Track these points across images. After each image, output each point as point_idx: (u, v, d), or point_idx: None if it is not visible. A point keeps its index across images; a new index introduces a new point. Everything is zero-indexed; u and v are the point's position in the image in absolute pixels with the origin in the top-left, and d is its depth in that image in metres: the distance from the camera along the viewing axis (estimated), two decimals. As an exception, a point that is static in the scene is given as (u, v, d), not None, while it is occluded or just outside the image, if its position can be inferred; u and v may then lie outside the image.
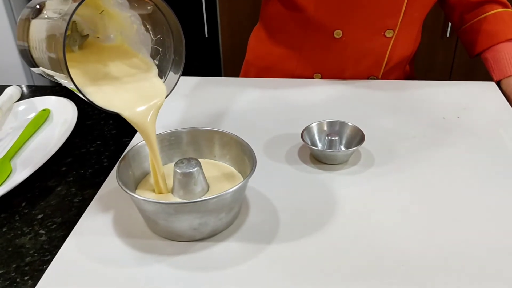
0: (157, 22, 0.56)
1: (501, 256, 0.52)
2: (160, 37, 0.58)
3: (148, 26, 0.57)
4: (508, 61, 0.90)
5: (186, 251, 0.53)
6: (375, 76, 0.96)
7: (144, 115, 0.54)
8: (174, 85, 0.57)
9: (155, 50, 0.59)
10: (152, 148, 0.55)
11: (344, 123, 0.71)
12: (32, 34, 0.55)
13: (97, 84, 0.54)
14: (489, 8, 0.92)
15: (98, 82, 0.54)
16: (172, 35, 0.56)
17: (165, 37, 0.57)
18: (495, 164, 0.68)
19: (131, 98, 0.55)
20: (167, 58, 0.58)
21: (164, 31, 0.57)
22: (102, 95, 0.53)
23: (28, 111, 0.83)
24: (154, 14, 0.55)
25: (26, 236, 0.57)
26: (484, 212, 0.59)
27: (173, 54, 0.57)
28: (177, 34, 0.56)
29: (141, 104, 0.55)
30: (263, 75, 1.01)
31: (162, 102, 0.56)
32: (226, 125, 0.79)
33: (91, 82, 0.53)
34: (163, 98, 0.56)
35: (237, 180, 0.59)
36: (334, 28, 0.89)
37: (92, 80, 0.54)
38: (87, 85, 0.53)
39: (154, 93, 0.56)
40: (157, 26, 0.57)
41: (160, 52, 0.58)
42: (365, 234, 0.55)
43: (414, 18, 0.91)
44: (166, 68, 0.58)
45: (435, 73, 2.12)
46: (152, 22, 0.57)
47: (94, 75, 0.55)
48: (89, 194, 0.64)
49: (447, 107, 0.83)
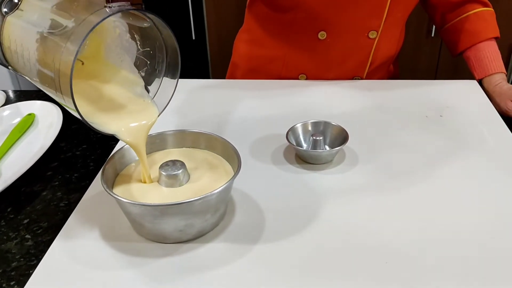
0: (149, 36, 0.56)
1: (485, 252, 0.53)
2: (150, 50, 0.57)
3: (136, 36, 0.57)
4: (489, 59, 0.91)
5: (172, 253, 0.54)
6: (360, 77, 0.97)
7: (138, 136, 0.56)
8: (166, 105, 0.57)
9: (142, 60, 0.58)
10: (142, 159, 0.57)
11: (328, 123, 0.72)
12: (8, 34, 0.53)
13: (92, 106, 0.55)
14: (470, 8, 0.94)
15: (94, 105, 0.55)
16: (166, 53, 0.56)
17: (156, 52, 0.57)
18: (477, 161, 0.69)
19: (125, 122, 0.56)
20: (155, 73, 0.58)
21: (157, 46, 0.56)
22: (99, 119, 0.54)
23: (13, 116, 0.83)
24: (147, 28, 0.55)
25: (12, 241, 0.57)
26: (466, 208, 0.60)
27: (165, 72, 0.57)
28: (173, 55, 0.55)
29: (134, 125, 0.56)
30: (249, 77, 1.01)
31: (154, 122, 0.57)
32: (212, 126, 0.79)
33: (87, 104, 0.54)
34: (154, 119, 0.57)
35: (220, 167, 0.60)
36: (318, 29, 0.90)
37: (89, 102, 0.55)
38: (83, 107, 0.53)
39: (146, 116, 0.57)
40: (148, 40, 0.56)
41: (148, 65, 0.58)
42: (350, 232, 0.56)
43: (397, 18, 0.92)
44: (153, 81, 0.58)
45: (421, 72, 2.14)
46: (142, 34, 0.56)
47: (88, 96, 0.55)
48: (75, 198, 0.64)
49: (430, 106, 0.85)
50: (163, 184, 0.56)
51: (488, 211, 0.59)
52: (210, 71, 2.31)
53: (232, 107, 0.86)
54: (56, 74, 0.48)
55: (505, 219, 0.58)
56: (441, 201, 0.61)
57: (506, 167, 0.67)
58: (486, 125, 0.79)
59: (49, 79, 0.50)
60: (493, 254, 0.53)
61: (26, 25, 0.53)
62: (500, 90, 0.87)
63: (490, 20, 0.94)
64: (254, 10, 0.98)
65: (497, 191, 0.63)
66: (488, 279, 0.49)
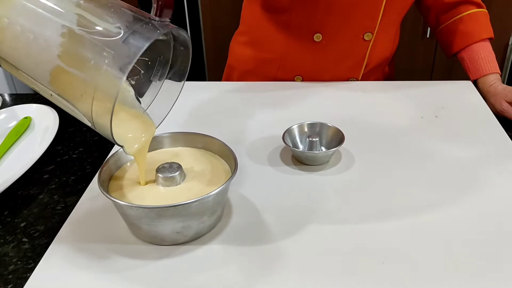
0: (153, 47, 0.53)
1: (482, 251, 0.53)
2: (148, 61, 0.56)
3: None
4: (483, 60, 0.92)
5: (169, 254, 0.54)
6: (355, 78, 0.98)
7: (140, 149, 0.56)
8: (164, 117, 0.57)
9: (134, 69, 0.55)
10: (141, 167, 0.57)
11: (324, 124, 0.72)
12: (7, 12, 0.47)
13: None
14: (464, 9, 0.94)
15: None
16: (169, 66, 0.55)
17: (156, 64, 0.55)
18: (472, 160, 0.69)
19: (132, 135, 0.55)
20: (148, 84, 0.57)
21: (160, 59, 0.55)
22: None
23: (9, 120, 0.83)
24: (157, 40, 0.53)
25: (9, 245, 0.57)
26: (462, 207, 0.60)
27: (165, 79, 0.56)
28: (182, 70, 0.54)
29: (137, 140, 0.56)
30: (245, 79, 1.02)
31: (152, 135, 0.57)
32: (208, 128, 0.79)
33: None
34: (153, 133, 0.57)
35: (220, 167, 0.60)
36: (314, 31, 0.90)
37: None
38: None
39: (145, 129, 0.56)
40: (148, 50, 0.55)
41: (141, 75, 0.56)
42: (346, 233, 0.56)
43: (392, 20, 0.93)
44: (144, 92, 0.57)
45: (416, 73, 2.15)
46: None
47: None
48: (72, 201, 0.64)
49: (425, 107, 0.85)
50: (160, 186, 0.56)
51: (483, 210, 0.60)
52: (207, 73, 2.31)
53: (228, 109, 0.86)
54: (91, 86, 0.45)
55: (500, 218, 0.58)
56: (436, 200, 0.61)
57: (500, 167, 0.68)
58: (481, 125, 0.79)
59: (75, 80, 0.47)
60: (489, 253, 0.53)
61: (42, 11, 0.48)
62: (495, 90, 0.88)
63: (484, 21, 0.94)
64: (249, 12, 0.98)
65: (492, 191, 0.63)
66: (486, 278, 0.50)
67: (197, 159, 0.61)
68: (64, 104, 0.50)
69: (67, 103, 0.49)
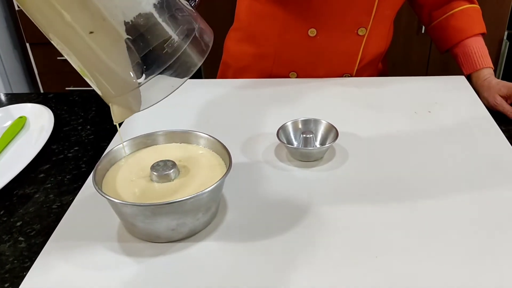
0: None
1: (476, 246, 0.54)
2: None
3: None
4: (476, 55, 0.92)
5: (165, 252, 0.54)
6: (349, 74, 0.98)
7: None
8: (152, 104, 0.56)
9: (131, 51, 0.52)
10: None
11: (318, 120, 0.72)
12: None
13: None
14: (456, 5, 0.95)
15: None
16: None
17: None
18: (465, 155, 0.70)
19: None
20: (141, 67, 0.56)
21: None
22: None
23: (4, 119, 0.83)
24: None
25: (5, 244, 0.57)
26: (455, 202, 0.61)
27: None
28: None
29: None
30: (240, 75, 1.02)
31: None
32: (203, 125, 0.80)
33: None
34: None
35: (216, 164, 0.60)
36: (308, 26, 0.91)
37: None
38: None
39: None
40: None
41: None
42: (340, 228, 0.57)
43: (385, 15, 0.93)
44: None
45: (412, 69, 2.15)
46: None
47: None
48: (68, 200, 0.64)
49: (419, 102, 0.86)
50: (155, 184, 0.57)
51: (476, 205, 0.60)
52: (202, 70, 2.31)
53: (223, 106, 0.87)
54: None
55: (493, 214, 0.59)
56: (430, 195, 0.62)
57: (494, 162, 0.68)
58: (475, 120, 0.80)
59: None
60: (483, 248, 0.54)
61: None
62: (488, 84, 0.88)
63: (476, 17, 0.95)
64: (244, 8, 0.99)
65: (485, 186, 0.63)
66: (483, 276, 0.50)
67: (191, 156, 0.62)
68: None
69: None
